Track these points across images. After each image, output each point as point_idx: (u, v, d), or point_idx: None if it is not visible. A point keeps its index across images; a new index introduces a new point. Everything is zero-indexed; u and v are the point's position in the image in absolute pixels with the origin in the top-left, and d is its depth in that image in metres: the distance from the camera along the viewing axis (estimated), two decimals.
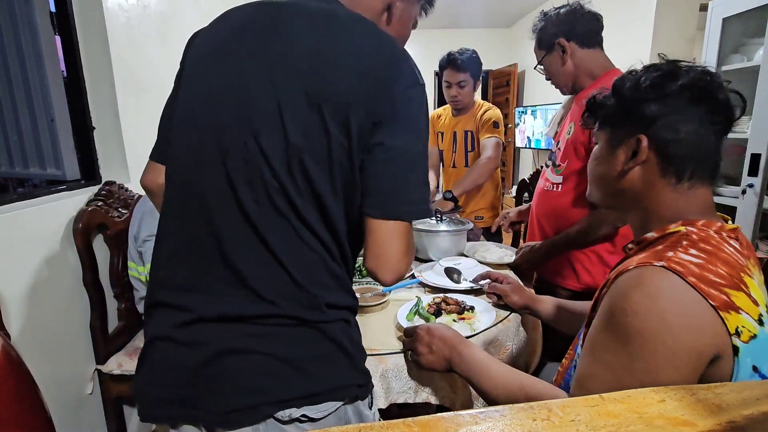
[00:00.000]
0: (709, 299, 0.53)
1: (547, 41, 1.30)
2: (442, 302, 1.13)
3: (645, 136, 0.65)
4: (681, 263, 0.56)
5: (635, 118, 0.66)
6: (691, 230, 0.61)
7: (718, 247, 0.59)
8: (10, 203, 1.25)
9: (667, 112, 0.64)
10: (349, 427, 0.38)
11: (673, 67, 0.66)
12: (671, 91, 0.64)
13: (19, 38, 1.43)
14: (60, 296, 1.35)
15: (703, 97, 0.63)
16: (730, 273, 0.56)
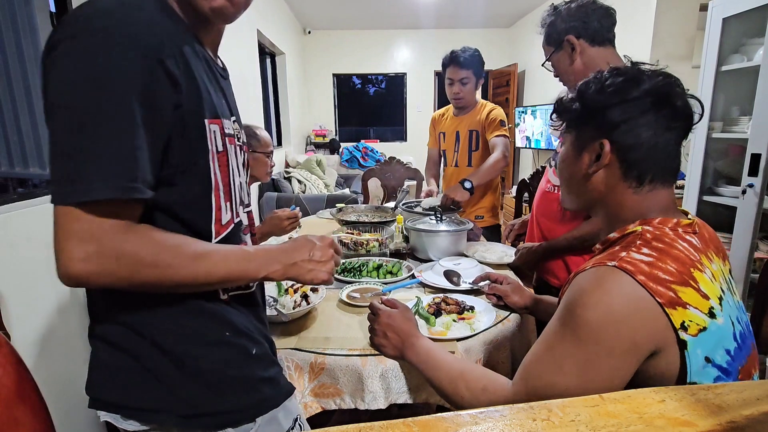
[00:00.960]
0: (655, 296, 0.57)
1: (556, 38, 1.23)
2: (442, 302, 1.13)
3: (608, 141, 0.67)
4: (631, 262, 0.60)
5: (599, 123, 0.68)
6: (646, 229, 0.65)
7: (671, 244, 0.62)
8: (10, 203, 1.25)
9: (629, 118, 0.66)
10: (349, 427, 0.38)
11: (636, 72, 0.67)
12: (633, 97, 0.66)
13: (19, 38, 1.43)
14: (60, 296, 1.35)
15: (663, 102, 0.65)
16: (679, 269, 0.59)
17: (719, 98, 2.29)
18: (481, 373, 0.76)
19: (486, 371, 0.77)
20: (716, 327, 0.59)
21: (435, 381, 0.80)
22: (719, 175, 2.39)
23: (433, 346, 0.84)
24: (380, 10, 5.09)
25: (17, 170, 1.57)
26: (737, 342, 0.62)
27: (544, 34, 1.28)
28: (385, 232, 1.67)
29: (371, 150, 5.77)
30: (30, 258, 1.25)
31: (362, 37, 6.16)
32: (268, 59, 4.67)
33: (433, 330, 1.02)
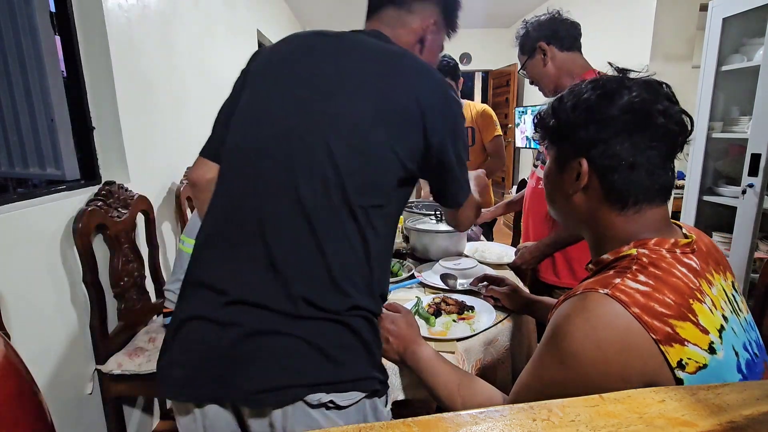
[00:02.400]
0: (651, 332, 0.52)
1: (529, 46, 1.36)
2: (441, 302, 1.13)
3: (585, 160, 0.62)
4: (626, 292, 0.54)
5: (575, 140, 0.64)
6: (642, 252, 0.59)
7: (669, 270, 0.57)
8: (10, 203, 1.25)
9: (605, 138, 0.60)
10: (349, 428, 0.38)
11: (615, 86, 0.61)
12: (609, 116, 0.60)
13: (19, 38, 1.43)
14: (60, 296, 1.35)
15: (641, 121, 0.59)
16: (677, 302, 0.54)
17: (719, 98, 2.29)
18: (478, 389, 0.75)
19: (484, 387, 0.75)
20: (716, 363, 0.54)
21: (432, 390, 0.79)
22: (719, 175, 2.39)
23: (434, 355, 0.83)
24: None
25: (17, 170, 1.57)
26: (742, 373, 0.57)
27: (518, 45, 1.40)
28: None
29: None
30: (30, 258, 1.25)
31: None
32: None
33: (433, 330, 1.02)
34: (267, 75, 0.76)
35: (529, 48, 1.36)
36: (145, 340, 1.53)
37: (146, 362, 1.43)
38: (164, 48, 1.97)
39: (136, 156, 1.72)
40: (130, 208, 1.58)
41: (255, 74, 0.78)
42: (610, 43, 3.44)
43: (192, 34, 2.27)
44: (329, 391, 0.63)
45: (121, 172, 1.68)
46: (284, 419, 0.62)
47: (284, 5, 4.77)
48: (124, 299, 1.52)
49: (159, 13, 1.93)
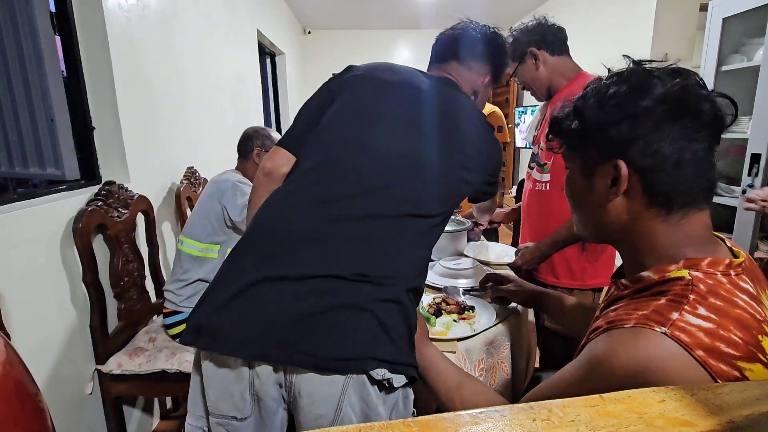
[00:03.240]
0: (717, 378, 0.45)
1: (519, 52, 1.37)
2: (442, 302, 1.13)
3: (623, 162, 0.55)
4: (687, 330, 0.46)
5: (607, 142, 0.56)
6: (696, 276, 0.51)
7: (731, 299, 0.49)
8: (10, 203, 1.25)
9: (643, 133, 0.54)
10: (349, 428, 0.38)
11: (643, 77, 0.56)
12: (644, 108, 0.53)
13: (19, 38, 1.43)
14: (60, 296, 1.35)
15: (682, 110, 0.53)
16: (745, 339, 0.47)
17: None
18: (477, 391, 0.74)
19: (484, 390, 0.74)
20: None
21: (433, 390, 0.79)
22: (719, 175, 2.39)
23: (438, 356, 0.83)
24: (380, 10, 5.09)
25: (17, 170, 1.57)
26: None
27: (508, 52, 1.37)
28: None
29: None
30: (30, 258, 1.25)
31: (362, 37, 6.16)
32: (268, 59, 4.66)
33: (434, 330, 1.02)
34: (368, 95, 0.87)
35: (519, 53, 1.38)
36: (145, 340, 1.53)
37: (146, 362, 1.43)
38: (164, 48, 1.97)
39: (136, 156, 1.72)
40: (130, 208, 1.59)
41: (355, 90, 0.89)
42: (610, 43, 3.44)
43: (192, 34, 2.27)
44: (390, 370, 0.67)
45: (121, 172, 1.68)
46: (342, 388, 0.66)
47: (284, 5, 4.77)
48: (124, 299, 1.52)
49: (159, 13, 1.93)
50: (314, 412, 0.68)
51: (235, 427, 0.73)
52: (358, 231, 0.74)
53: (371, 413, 0.68)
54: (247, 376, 0.70)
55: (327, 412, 0.67)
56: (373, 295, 0.70)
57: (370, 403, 0.67)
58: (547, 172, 1.38)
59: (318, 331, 0.67)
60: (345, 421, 0.67)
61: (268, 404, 0.71)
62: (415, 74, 0.93)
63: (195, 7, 2.32)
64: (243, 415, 0.72)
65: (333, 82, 0.92)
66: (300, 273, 0.69)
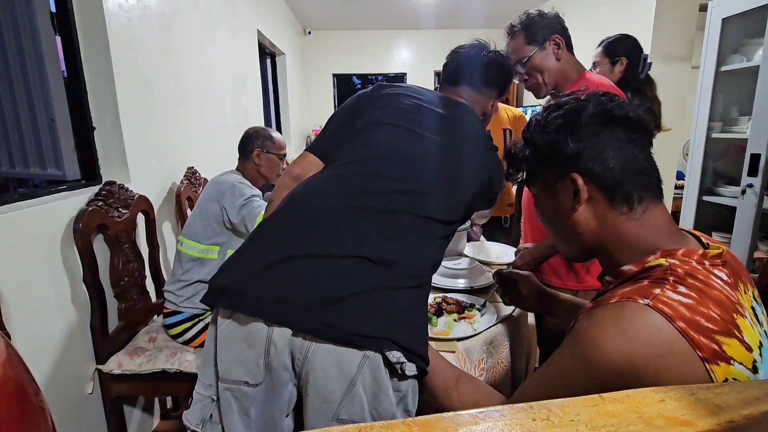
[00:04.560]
0: (698, 350, 0.48)
1: (542, 36, 1.29)
2: (442, 302, 1.13)
3: (577, 174, 0.62)
4: (669, 304, 0.50)
5: (559, 161, 0.64)
6: (673, 263, 0.55)
7: (707, 282, 0.53)
8: (11, 203, 1.25)
9: (587, 145, 0.62)
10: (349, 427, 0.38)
11: (575, 102, 0.65)
12: (582, 124, 0.62)
13: (20, 38, 1.43)
14: (60, 296, 1.35)
15: (612, 120, 0.62)
16: (723, 316, 0.50)
17: (719, 98, 2.29)
18: (475, 387, 0.74)
19: (481, 386, 0.74)
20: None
21: (430, 387, 0.78)
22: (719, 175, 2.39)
23: (435, 354, 0.82)
24: (380, 10, 5.09)
25: (17, 170, 1.57)
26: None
27: (521, 35, 1.32)
28: None
29: None
30: (30, 258, 1.25)
31: (362, 37, 6.15)
32: (268, 59, 4.66)
33: (435, 330, 1.02)
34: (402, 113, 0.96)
35: (541, 38, 1.29)
36: (146, 340, 1.53)
37: (146, 362, 1.43)
38: (164, 48, 1.97)
39: (136, 156, 1.72)
40: (130, 208, 1.59)
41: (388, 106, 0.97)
42: None
43: (192, 35, 2.27)
44: (405, 357, 0.69)
45: (121, 172, 1.68)
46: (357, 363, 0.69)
47: (284, 5, 4.78)
48: (125, 299, 1.52)
49: (159, 13, 1.93)
50: (328, 386, 0.69)
51: (244, 393, 0.74)
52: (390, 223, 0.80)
53: (382, 395, 0.69)
54: (264, 342, 0.72)
55: (340, 386, 0.69)
56: (397, 282, 0.75)
57: (382, 385, 0.69)
58: None
59: (344, 307, 0.70)
60: (355, 399, 0.69)
61: (279, 374, 0.72)
62: (438, 97, 1.03)
63: (195, 7, 2.32)
64: (256, 381, 0.73)
65: (362, 97, 1.01)
66: (337, 252, 0.74)
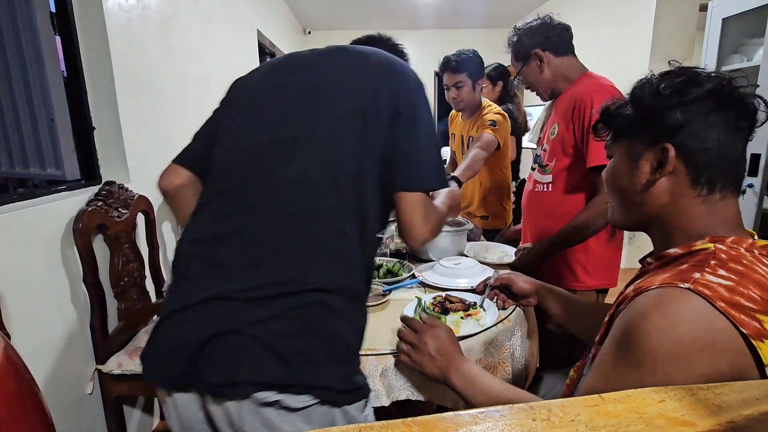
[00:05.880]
0: (740, 327, 0.49)
1: (523, 53, 1.36)
2: (445, 301, 1.13)
3: (671, 145, 0.60)
4: (709, 285, 0.51)
5: (658, 127, 0.62)
6: (719, 248, 0.57)
7: (751, 267, 0.54)
8: (10, 203, 1.25)
9: (693, 119, 0.60)
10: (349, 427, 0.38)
11: (693, 73, 0.62)
12: (696, 97, 0.60)
13: (20, 38, 1.43)
14: (60, 296, 1.35)
15: (729, 102, 0.60)
16: (763, 297, 0.51)
17: None
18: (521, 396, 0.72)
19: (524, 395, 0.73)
20: None
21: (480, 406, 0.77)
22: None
23: (478, 372, 0.80)
24: (380, 10, 5.09)
25: (17, 170, 1.57)
26: None
27: (511, 52, 1.40)
28: (385, 232, 1.67)
29: None
30: (30, 258, 1.25)
31: None
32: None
33: None
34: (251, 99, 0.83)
35: (523, 55, 1.36)
36: (146, 340, 1.53)
37: None
38: (164, 48, 1.97)
39: (136, 156, 1.72)
40: (130, 208, 1.59)
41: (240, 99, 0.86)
42: (610, 43, 3.44)
43: (192, 35, 2.27)
44: (281, 392, 0.64)
45: (121, 172, 1.68)
46: (239, 412, 0.65)
47: (284, 5, 4.78)
48: (125, 299, 1.52)
49: (159, 13, 1.93)
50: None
51: None
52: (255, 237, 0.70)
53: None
54: (171, 403, 0.72)
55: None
56: (259, 315, 0.65)
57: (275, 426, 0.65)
58: (549, 173, 1.38)
59: (209, 356, 0.66)
60: None
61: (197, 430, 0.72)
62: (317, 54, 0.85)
63: (195, 7, 2.32)
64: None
65: (223, 101, 0.90)
66: (198, 298, 0.68)
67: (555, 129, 1.36)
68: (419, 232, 0.77)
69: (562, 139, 1.32)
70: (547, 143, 1.41)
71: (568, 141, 1.30)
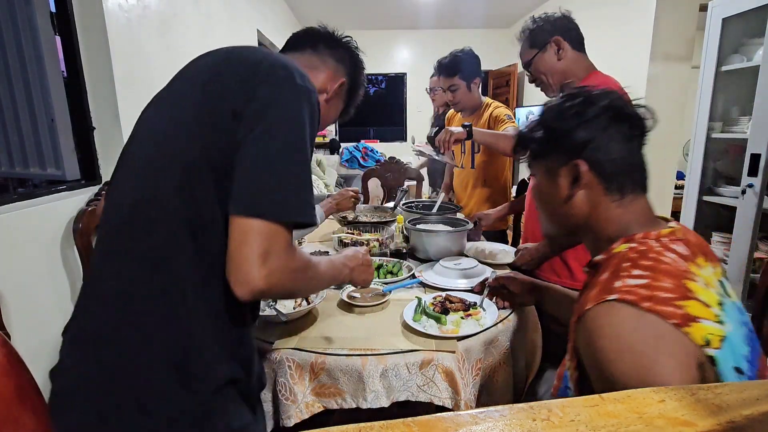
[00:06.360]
0: (667, 319, 0.53)
1: (542, 40, 1.34)
2: (445, 301, 1.13)
3: (582, 161, 0.68)
4: (630, 290, 0.57)
5: (567, 147, 0.70)
6: (631, 246, 0.64)
7: (658, 258, 0.60)
8: (11, 203, 1.25)
9: (596, 135, 0.68)
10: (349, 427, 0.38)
11: (588, 94, 0.71)
12: (595, 115, 0.68)
13: (20, 38, 1.43)
14: (60, 296, 1.35)
15: (621, 115, 0.68)
16: (675, 284, 0.57)
17: (719, 98, 2.29)
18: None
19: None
20: (730, 334, 0.55)
21: None
22: (719, 175, 2.39)
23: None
24: (380, 10, 5.09)
25: (17, 170, 1.57)
26: (749, 346, 0.58)
27: (526, 39, 1.38)
28: (385, 232, 1.67)
29: (371, 150, 5.76)
30: (30, 258, 1.25)
31: (362, 37, 6.10)
32: None
33: (444, 329, 1.02)
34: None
35: (541, 41, 1.34)
36: None
37: None
38: (164, 48, 1.97)
39: None
40: None
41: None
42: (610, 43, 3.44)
43: (192, 35, 2.27)
44: None
45: None
46: None
47: (284, 5, 4.78)
48: None
49: (159, 13, 1.93)
50: None
51: None
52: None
53: None
54: None
55: None
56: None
57: None
58: None
59: None
60: None
61: None
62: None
63: (195, 7, 2.32)
64: None
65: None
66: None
67: None
68: (247, 272, 0.55)
69: None
70: None
71: None
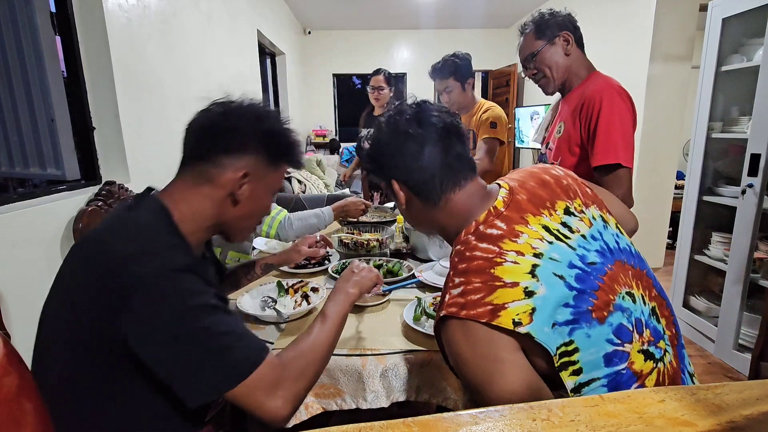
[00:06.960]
0: (479, 320, 0.58)
1: (551, 32, 1.33)
2: None
3: (394, 180, 0.75)
4: (453, 302, 0.61)
5: (381, 170, 0.77)
6: (456, 250, 0.68)
7: (470, 257, 0.64)
8: (11, 203, 1.25)
9: (395, 156, 0.73)
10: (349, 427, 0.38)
11: (378, 122, 0.77)
12: (386, 141, 0.74)
13: (20, 38, 1.43)
14: None
15: (406, 132, 0.72)
16: (483, 280, 0.61)
17: (719, 98, 2.29)
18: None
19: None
20: (542, 299, 0.59)
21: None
22: (719, 175, 2.39)
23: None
24: (380, 10, 5.09)
25: (17, 170, 1.57)
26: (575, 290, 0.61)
27: (532, 31, 1.36)
28: (385, 232, 1.67)
29: None
30: (30, 258, 1.25)
31: (362, 37, 6.15)
32: (268, 59, 4.66)
33: None
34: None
35: (550, 34, 1.33)
36: None
37: None
38: (164, 48, 1.97)
39: (136, 156, 1.72)
40: None
41: None
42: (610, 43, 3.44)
43: (192, 34, 2.27)
44: None
45: (121, 172, 1.68)
46: None
47: (284, 5, 4.78)
48: None
49: (159, 13, 1.93)
50: None
51: None
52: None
53: None
54: None
55: None
56: None
57: None
58: None
59: None
60: None
61: None
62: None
63: (195, 7, 2.32)
64: None
65: None
66: None
67: (561, 127, 1.36)
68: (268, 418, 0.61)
69: (568, 138, 1.31)
70: (552, 142, 1.40)
71: (574, 139, 1.29)
